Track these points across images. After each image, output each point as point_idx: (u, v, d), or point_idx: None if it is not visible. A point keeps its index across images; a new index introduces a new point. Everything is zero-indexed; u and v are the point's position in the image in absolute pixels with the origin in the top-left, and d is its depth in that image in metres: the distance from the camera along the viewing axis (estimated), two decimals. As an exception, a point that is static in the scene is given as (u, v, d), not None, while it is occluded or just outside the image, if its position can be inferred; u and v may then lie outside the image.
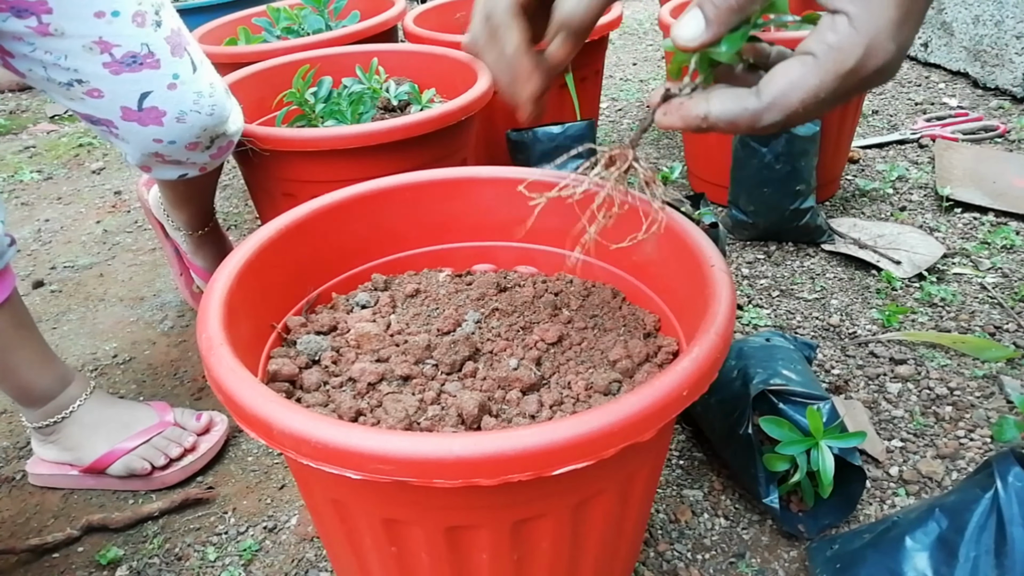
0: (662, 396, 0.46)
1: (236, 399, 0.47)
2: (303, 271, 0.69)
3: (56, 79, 0.78)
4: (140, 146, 0.84)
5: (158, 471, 0.87)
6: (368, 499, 0.50)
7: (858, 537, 0.68)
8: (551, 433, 0.43)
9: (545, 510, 0.50)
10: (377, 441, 0.43)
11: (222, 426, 0.93)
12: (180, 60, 0.82)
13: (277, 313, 0.66)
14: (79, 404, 0.87)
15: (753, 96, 0.42)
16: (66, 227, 1.52)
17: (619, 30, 2.51)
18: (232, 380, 0.48)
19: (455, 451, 0.42)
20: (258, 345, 0.62)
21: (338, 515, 0.54)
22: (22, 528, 0.85)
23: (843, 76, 0.40)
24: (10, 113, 2.20)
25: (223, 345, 0.51)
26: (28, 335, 0.84)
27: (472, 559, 0.52)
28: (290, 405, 0.46)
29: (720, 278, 0.55)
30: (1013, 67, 1.70)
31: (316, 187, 0.75)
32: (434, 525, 0.50)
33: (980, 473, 0.62)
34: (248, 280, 0.60)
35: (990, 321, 1.04)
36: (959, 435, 0.87)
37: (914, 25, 0.40)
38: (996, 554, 0.57)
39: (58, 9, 0.74)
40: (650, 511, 0.70)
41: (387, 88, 1.19)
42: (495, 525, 0.49)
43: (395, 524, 0.51)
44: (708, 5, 0.42)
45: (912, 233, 1.23)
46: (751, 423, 0.75)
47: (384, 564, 0.55)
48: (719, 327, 0.50)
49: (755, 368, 0.79)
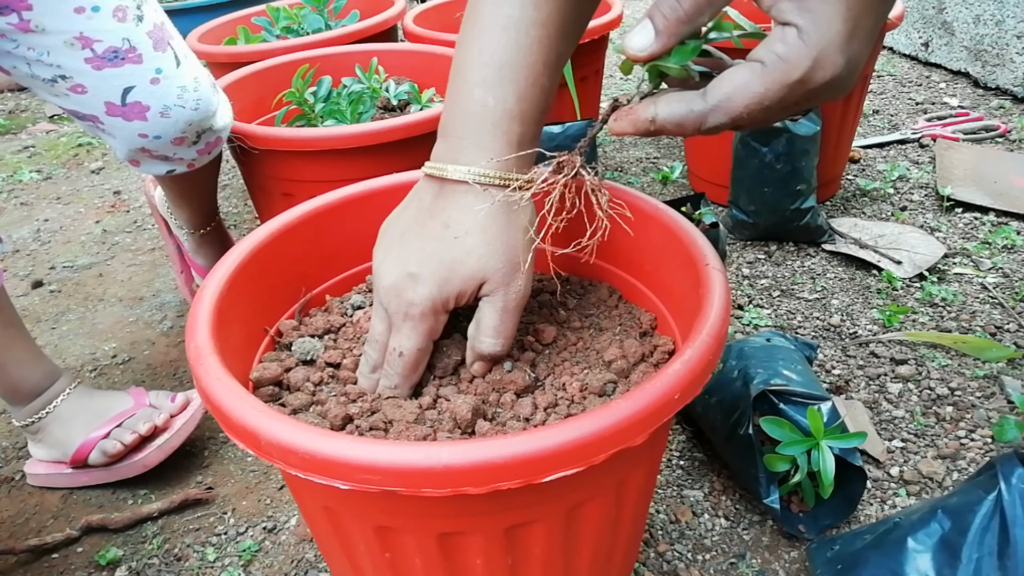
0: (652, 401, 0.45)
1: (224, 409, 0.47)
2: (296, 274, 0.68)
3: (40, 75, 0.78)
4: (126, 141, 0.84)
5: (135, 453, 0.87)
6: (359, 507, 0.50)
7: (859, 538, 0.68)
8: (540, 440, 0.42)
9: (538, 516, 0.49)
10: (365, 451, 0.42)
11: (197, 402, 0.92)
12: (163, 55, 0.81)
13: (270, 317, 0.66)
14: (61, 399, 0.87)
15: (700, 98, 0.43)
16: (65, 227, 1.52)
17: (619, 30, 2.51)
18: (219, 390, 0.48)
19: (443, 460, 0.42)
20: (251, 350, 0.62)
21: (331, 522, 0.54)
22: (21, 528, 0.85)
23: (789, 86, 0.40)
24: (9, 113, 2.19)
25: (211, 355, 0.50)
26: (16, 334, 0.85)
27: (466, 565, 0.51)
28: (277, 416, 0.46)
29: (715, 277, 0.54)
30: (1014, 67, 1.70)
31: (315, 187, 0.75)
32: (426, 532, 0.49)
33: (983, 474, 0.62)
34: (239, 285, 0.60)
35: (991, 321, 1.04)
36: (960, 435, 0.87)
37: (864, 39, 0.40)
38: (999, 556, 0.57)
39: (38, 5, 0.74)
40: (647, 513, 0.70)
41: (387, 88, 1.18)
42: (487, 531, 0.49)
43: (387, 531, 0.51)
44: (658, 16, 0.43)
45: (913, 233, 1.23)
46: (752, 423, 0.75)
47: (378, 570, 0.55)
48: (711, 328, 0.50)
49: (756, 368, 0.79)
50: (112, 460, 0.86)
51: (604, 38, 1.47)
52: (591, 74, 1.47)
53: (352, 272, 0.73)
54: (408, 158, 0.98)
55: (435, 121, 0.98)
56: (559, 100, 1.39)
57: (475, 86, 0.53)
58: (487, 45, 0.53)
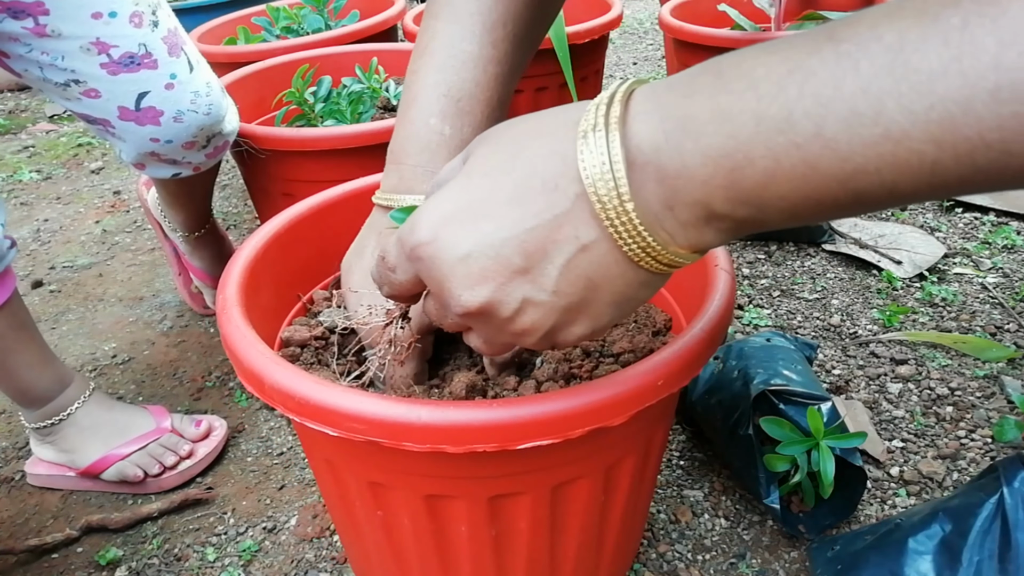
0: (633, 384, 0.47)
1: (238, 355, 0.52)
2: (331, 249, 0.72)
3: (52, 79, 0.78)
4: (136, 145, 0.84)
5: (152, 478, 0.87)
6: (353, 461, 0.54)
7: (859, 538, 0.68)
8: (516, 409, 0.45)
9: (522, 488, 0.52)
10: (353, 402, 0.47)
11: (221, 430, 0.92)
12: (177, 60, 0.81)
13: (303, 287, 0.71)
14: (77, 407, 0.87)
15: None
16: (65, 227, 1.52)
17: (619, 29, 2.51)
18: (236, 337, 0.53)
19: (423, 417, 0.45)
20: (281, 313, 0.68)
21: (332, 476, 0.57)
22: (21, 528, 0.85)
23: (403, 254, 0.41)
24: (9, 113, 2.19)
25: (236, 307, 0.56)
26: (28, 337, 0.83)
27: (451, 531, 0.55)
28: (283, 363, 0.50)
29: (721, 277, 0.56)
30: (1014, 66, 1.69)
31: (315, 187, 0.75)
32: (413, 492, 0.53)
33: (984, 477, 0.62)
34: (274, 252, 0.66)
35: (991, 321, 1.04)
36: (960, 435, 0.87)
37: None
38: (1000, 559, 0.57)
39: (55, 10, 0.73)
40: (647, 513, 0.70)
41: (387, 87, 1.18)
42: (472, 497, 0.52)
43: (379, 487, 0.54)
44: None
45: (913, 233, 1.23)
46: (752, 423, 0.75)
47: (373, 528, 0.58)
48: (705, 323, 0.51)
49: (756, 368, 0.79)
50: (125, 481, 0.86)
51: (604, 38, 1.47)
52: (591, 74, 1.47)
53: None
54: (408, 158, 0.98)
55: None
56: (559, 100, 1.39)
57: (431, 115, 0.54)
58: (444, 78, 0.54)
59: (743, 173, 0.31)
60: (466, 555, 0.57)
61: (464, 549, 0.56)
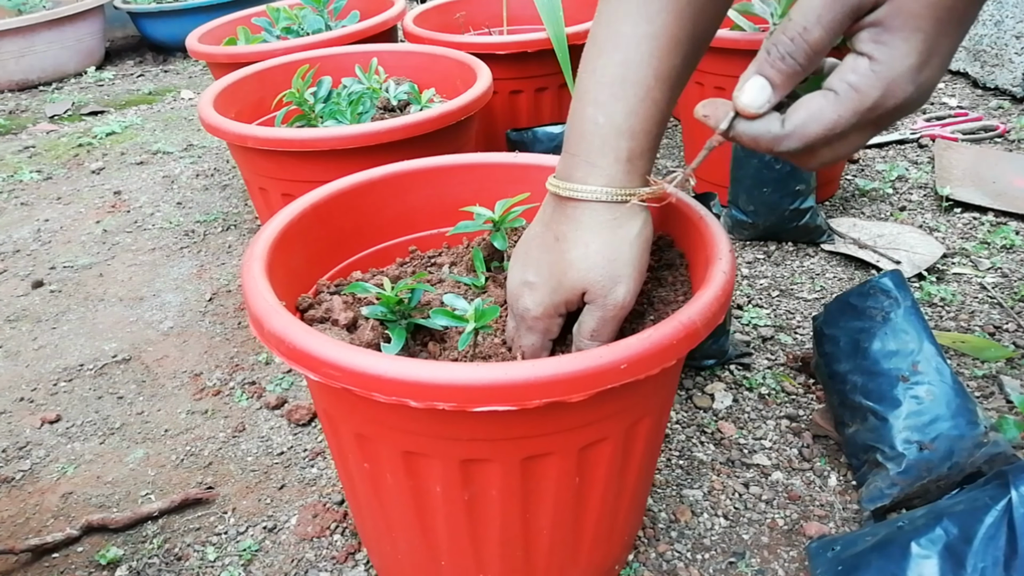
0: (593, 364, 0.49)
1: (259, 317, 0.55)
2: (370, 227, 0.78)
3: None
4: None
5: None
6: (343, 408, 0.57)
7: (861, 540, 0.68)
8: (474, 371, 0.48)
9: (489, 455, 0.54)
10: (333, 350, 0.50)
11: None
12: None
13: (325, 265, 0.75)
14: None
15: (778, 122, 0.45)
16: (66, 227, 1.52)
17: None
18: (258, 302, 0.57)
19: (389, 371, 0.48)
20: (307, 281, 0.72)
21: (362, 452, 0.59)
22: (21, 528, 0.85)
23: (861, 113, 0.43)
24: (9, 113, 2.20)
25: (261, 277, 0.59)
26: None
27: (427, 489, 0.57)
28: (302, 326, 0.53)
29: (717, 276, 0.57)
30: (1013, 67, 1.70)
31: (315, 187, 0.75)
32: (393, 446, 0.56)
33: (991, 482, 0.61)
34: (292, 237, 0.69)
35: (990, 321, 1.04)
36: (959, 435, 0.87)
37: (938, 66, 0.42)
38: (1005, 567, 0.56)
39: None
40: (637, 508, 0.70)
41: (387, 88, 1.18)
42: (444, 457, 0.55)
43: (364, 439, 0.57)
44: (772, 72, 0.45)
45: (912, 233, 1.23)
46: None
47: (363, 480, 0.61)
48: (684, 315, 0.52)
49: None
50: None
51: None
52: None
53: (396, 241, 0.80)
54: (408, 158, 0.98)
55: (435, 121, 0.99)
56: (559, 100, 1.39)
57: (588, 105, 0.56)
58: (600, 65, 0.56)
59: None
60: (441, 516, 0.59)
61: (440, 510, 0.58)
